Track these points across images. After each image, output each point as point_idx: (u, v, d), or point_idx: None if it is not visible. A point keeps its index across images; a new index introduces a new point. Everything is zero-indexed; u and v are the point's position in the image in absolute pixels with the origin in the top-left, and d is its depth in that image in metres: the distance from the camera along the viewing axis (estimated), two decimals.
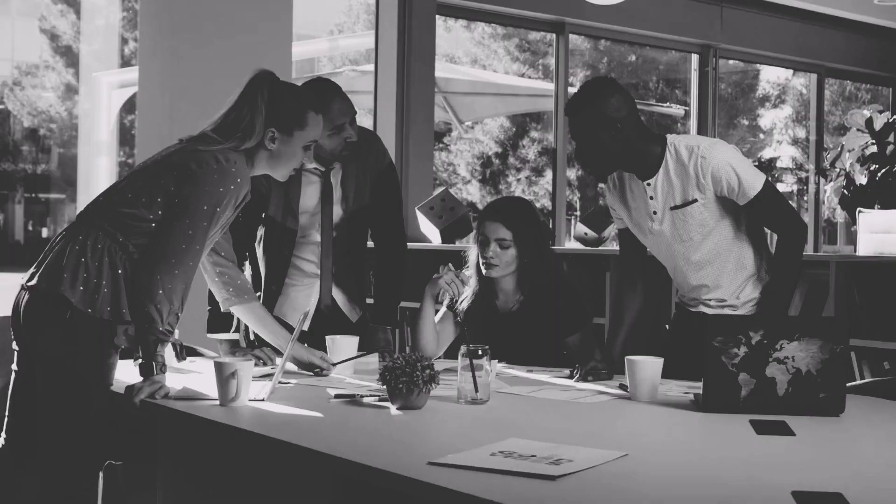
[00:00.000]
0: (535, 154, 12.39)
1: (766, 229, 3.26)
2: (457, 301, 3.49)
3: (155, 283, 2.63)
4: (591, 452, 2.06)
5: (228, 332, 3.39)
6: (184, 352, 3.19)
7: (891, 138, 7.52)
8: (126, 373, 2.83)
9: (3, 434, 2.82)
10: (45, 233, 10.73)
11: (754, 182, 3.03)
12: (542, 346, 3.41)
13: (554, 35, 7.53)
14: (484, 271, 3.44)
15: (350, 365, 3.18)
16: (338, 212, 3.54)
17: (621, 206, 3.25)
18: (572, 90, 7.63)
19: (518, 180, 12.61)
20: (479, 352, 2.66)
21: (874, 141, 7.11)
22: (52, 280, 2.64)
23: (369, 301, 3.69)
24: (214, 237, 2.81)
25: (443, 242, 5.73)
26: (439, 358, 3.48)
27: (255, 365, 3.00)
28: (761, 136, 13.00)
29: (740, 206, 3.08)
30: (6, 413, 2.82)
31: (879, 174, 6.96)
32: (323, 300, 3.54)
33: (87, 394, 2.64)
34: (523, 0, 7.10)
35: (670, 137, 3.11)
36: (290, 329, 3.13)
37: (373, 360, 3.31)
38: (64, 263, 2.65)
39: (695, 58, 8.38)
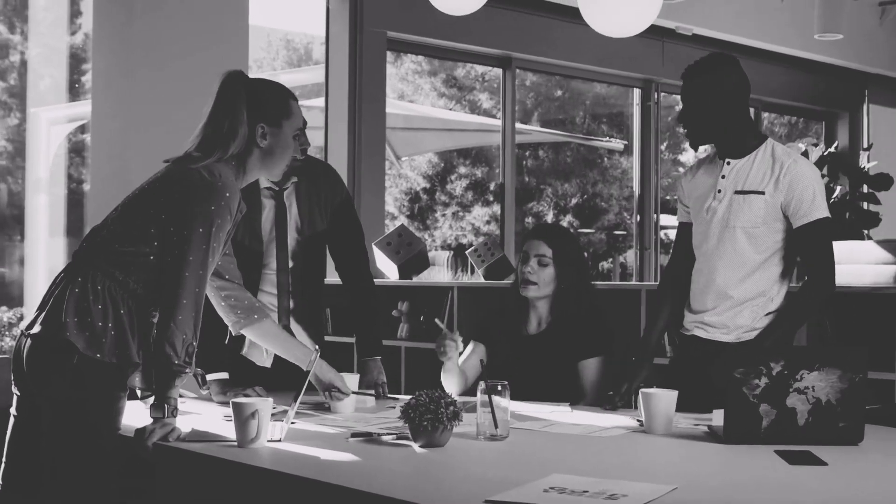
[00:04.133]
0: (461, 189, 12.40)
1: (793, 283, 3.30)
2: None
3: (163, 318, 2.57)
4: (640, 486, 2.04)
5: (217, 371, 3.31)
6: (205, 380, 3.11)
7: (824, 171, 7.71)
8: (133, 416, 2.74)
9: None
10: None
11: (821, 210, 3.11)
12: (561, 371, 3.40)
13: (500, 70, 7.59)
14: (521, 290, 3.44)
15: (351, 402, 3.12)
16: (293, 236, 3.46)
17: (691, 188, 3.34)
18: (519, 126, 7.69)
19: (444, 216, 12.60)
20: (499, 387, 2.63)
21: None
22: (56, 326, 2.55)
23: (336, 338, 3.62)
24: (217, 257, 2.71)
25: (400, 278, 5.67)
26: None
27: None
28: (681, 169, 13.21)
29: (793, 229, 3.12)
30: (3, 459, 2.70)
31: None
32: (281, 320, 3.43)
33: (97, 439, 2.55)
34: (471, 35, 7.14)
35: (771, 139, 3.24)
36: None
37: (370, 396, 3.27)
38: (65, 308, 2.56)
39: (637, 92, 8.50)
